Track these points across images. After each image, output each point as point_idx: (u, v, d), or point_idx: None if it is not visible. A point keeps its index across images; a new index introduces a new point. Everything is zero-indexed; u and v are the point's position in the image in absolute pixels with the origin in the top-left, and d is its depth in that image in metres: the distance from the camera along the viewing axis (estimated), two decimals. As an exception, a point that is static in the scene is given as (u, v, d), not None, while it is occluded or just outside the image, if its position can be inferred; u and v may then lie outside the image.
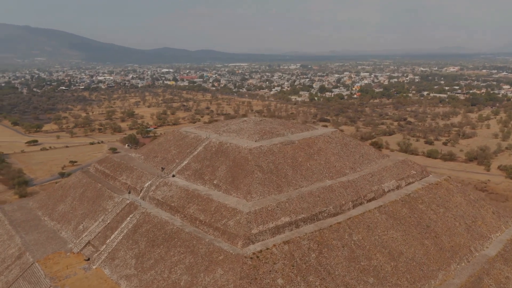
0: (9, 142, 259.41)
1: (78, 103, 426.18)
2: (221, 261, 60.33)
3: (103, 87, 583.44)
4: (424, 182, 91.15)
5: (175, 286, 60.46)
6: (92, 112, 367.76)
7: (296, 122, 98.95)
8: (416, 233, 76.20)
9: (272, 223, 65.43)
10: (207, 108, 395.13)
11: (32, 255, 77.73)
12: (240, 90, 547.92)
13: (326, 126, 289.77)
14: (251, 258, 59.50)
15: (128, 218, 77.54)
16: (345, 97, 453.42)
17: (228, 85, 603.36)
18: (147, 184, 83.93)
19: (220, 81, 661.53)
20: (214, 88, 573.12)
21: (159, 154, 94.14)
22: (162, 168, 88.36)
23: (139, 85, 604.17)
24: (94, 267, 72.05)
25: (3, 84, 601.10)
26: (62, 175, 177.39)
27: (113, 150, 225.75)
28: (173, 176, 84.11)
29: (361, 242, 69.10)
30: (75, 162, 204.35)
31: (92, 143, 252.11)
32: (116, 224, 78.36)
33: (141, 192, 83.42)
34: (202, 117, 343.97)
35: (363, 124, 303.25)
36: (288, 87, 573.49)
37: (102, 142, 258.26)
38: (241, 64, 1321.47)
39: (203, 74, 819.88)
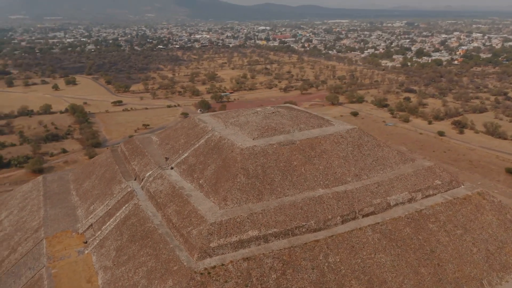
0: (99, 101, 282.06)
1: (169, 63, 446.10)
2: (174, 271, 59.92)
3: (197, 46, 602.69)
4: (448, 195, 79.46)
5: (133, 289, 61.91)
6: (178, 74, 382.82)
7: (312, 116, 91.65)
8: (413, 258, 67.52)
9: (236, 236, 62.65)
10: (288, 72, 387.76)
11: (45, 231, 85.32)
12: (330, 52, 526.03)
13: (408, 98, 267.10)
14: (201, 273, 58.04)
15: (123, 208, 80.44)
16: (444, 63, 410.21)
17: (319, 46, 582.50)
18: (148, 173, 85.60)
19: (311, 41, 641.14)
20: (303, 49, 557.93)
21: (170, 142, 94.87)
22: (166, 158, 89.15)
23: (231, 45, 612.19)
24: (86, 252, 76.82)
25: (110, 41, 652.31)
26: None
27: (185, 115, 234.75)
28: (171, 168, 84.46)
29: (337, 265, 63.26)
30: (148, 125, 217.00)
31: (169, 106, 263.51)
32: (114, 211, 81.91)
33: (142, 181, 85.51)
34: (279, 82, 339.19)
35: (453, 98, 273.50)
36: (383, 49, 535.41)
37: (178, 105, 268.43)
38: (341, 21, 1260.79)
39: (297, 32, 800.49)
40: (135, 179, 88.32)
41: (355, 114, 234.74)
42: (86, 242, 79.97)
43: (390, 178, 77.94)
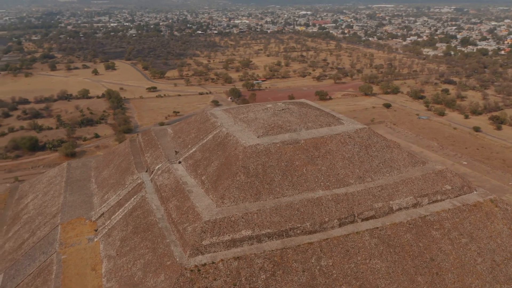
0: (135, 86, 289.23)
1: (206, 49, 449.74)
2: (167, 266, 61.99)
3: (235, 32, 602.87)
4: (457, 202, 76.65)
5: (130, 279, 64.67)
6: (213, 60, 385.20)
7: (323, 114, 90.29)
8: (410, 266, 66.16)
9: (228, 235, 63.74)
10: (324, 60, 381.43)
11: (61, 217, 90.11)
12: (370, 38, 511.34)
13: (447, 90, 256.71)
14: (191, 270, 59.73)
15: (132, 199, 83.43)
16: (490, 53, 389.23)
17: (359, 32, 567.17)
18: (158, 166, 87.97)
19: (352, 27, 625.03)
20: (342, 35, 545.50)
21: (182, 135, 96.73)
22: (176, 151, 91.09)
23: (269, 31, 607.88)
24: (95, 239, 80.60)
25: (151, 26, 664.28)
26: (161, 124, 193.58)
27: (215, 103, 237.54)
28: (179, 162, 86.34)
29: (329, 269, 63.12)
30: (178, 112, 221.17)
31: (201, 94, 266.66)
32: (124, 201, 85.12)
33: (151, 173, 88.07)
34: (313, 70, 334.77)
35: (495, 91, 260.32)
36: (427, 36, 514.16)
37: (210, 93, 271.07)
38: (386, 5, 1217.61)
39: (339, 18, 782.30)
40: (146, 171, 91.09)
41: (387, 105, 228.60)
42: (96, 230, 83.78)
43: (395, 182, 76.08)
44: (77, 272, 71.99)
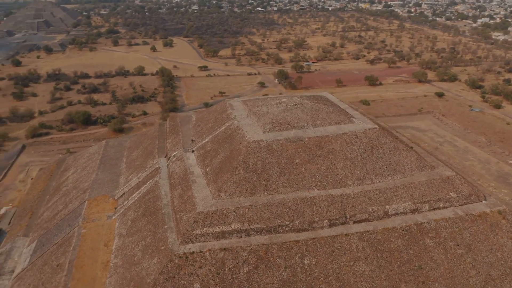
0: (188, 64, 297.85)
1: (262, 27, 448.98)
2: (161, 251, 67.77)
3: (295, 9, 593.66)
4: (461, 210, 74.73)
5: (131, 259, 71.48)
6: (268, 39, 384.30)
7: (336, 111, 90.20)
8: (396, 272, 66.69)
9: (218, 227, 67.97)
10: (382, 41, 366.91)
11: (89, 194, 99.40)
12: (437, 19, 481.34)
13: (509, 80, 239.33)
14: (180, 257, 64.99)
15: (148, 182, 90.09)
16: None
17: (427, 11, 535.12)
18: (174, 153, 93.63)
19: (420, 5, 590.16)
20: (407, 14, 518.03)
21: (201, 124, 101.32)
22: (192, 140, 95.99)
23: (330, 8, 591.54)
24: (113, 217, 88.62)
25: (214, 1, 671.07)
26: (205, 105, 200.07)
27: (261, 84, 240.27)
28: (192, 151, 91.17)
29: (311, 268, 65.55)
30: (224, 93, 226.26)
31: (249, 74, 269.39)
32: (142, 184, 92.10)
33: (168, 160, 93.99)
34: (368, 53, 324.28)
35: None
36: (500, 18, 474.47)
37: (258, 73, 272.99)
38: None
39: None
40: (165, 157, 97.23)
41: (440, 94, 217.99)
42: (116, 209, 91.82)
43: (395, 186, 75.59)
44: (92, 246, 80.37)
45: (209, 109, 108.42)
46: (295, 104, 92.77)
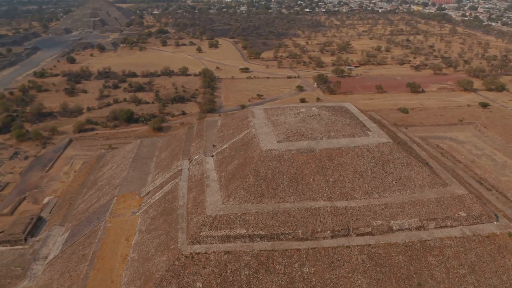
0: (230, 66, 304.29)
1: (308, 29, 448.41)
2: (171, 249, 73.05)
3: (344, 10, 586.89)
4: (469, 230, 74.22)
5: (145, 255, 77.37)
6: (312, 42, 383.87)
7: (353, 123, 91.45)
8: (394, 287, 67.85)
9: (224, 231, 72.16)
10: (431, 46, 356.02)
11: (119, 190, 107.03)
12: (493, 24, 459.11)
13: None
14: (186, 256, 69.88)
15: (170, 183, 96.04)
16: None
17: (482, 15, 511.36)
18: (196, 157, 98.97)
19: (476, 9, 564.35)
20: (461, 18, 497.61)
21: (224, 129, 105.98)
22: (213, 145, 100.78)
23: (380, 10, 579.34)
24: (137, 214, 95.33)
25: (263, 2, 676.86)
26: (242, 107, 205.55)
27: (300, 88, 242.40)
28: (212, 156, 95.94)
29: (309, 276, 68.23)
30: (261, 96, 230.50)
31: (289, 77, 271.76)
32: (165, 184, 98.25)
33: (190, 163, 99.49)
34: (414, 58, 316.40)
35: None
36: None
37: (298, 77, 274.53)
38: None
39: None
40: (188, 159, 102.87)
41: (484, 105, 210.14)
42: (140, 206, 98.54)
43: (403, 201, 76.26)
44: (114, 240, 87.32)
45: (233, 115, 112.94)
46: (313, 115, 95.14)
